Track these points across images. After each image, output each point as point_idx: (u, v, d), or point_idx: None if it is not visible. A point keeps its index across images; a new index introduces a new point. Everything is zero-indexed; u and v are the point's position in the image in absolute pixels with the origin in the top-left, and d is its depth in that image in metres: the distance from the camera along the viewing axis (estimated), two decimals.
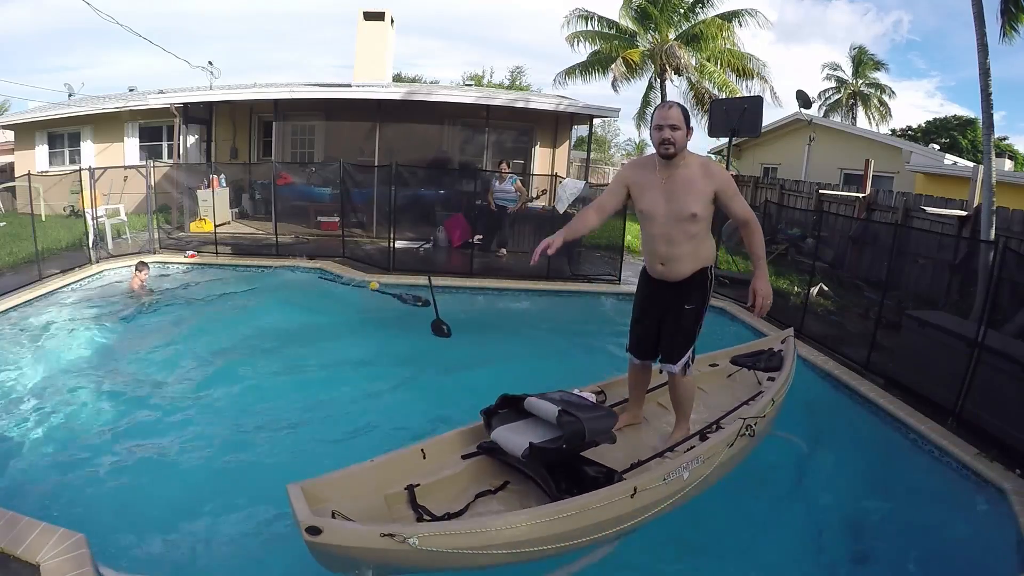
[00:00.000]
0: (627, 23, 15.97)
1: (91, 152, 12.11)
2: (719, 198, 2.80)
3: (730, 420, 3.21)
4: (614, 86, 15.74)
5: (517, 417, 2.86)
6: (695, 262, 2.91)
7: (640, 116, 17.09)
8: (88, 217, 7.91)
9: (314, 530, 1.98)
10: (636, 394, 3.35)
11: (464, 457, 2.86)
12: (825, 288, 7.62)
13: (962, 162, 13.14)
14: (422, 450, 2.79)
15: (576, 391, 3.03)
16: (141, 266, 6.94)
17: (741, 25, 15.29)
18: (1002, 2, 6.52)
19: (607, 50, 15.62)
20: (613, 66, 15.05)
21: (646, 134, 16.98)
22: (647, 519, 2.68)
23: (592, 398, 3.01)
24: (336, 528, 2.05)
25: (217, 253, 8.33)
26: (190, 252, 8.26)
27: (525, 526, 2.28)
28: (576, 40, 16.03)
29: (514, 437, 2.70)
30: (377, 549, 2.04)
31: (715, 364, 4.10)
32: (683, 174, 2.80)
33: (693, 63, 14.94)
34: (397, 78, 23.97)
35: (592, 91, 57.21)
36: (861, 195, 9.23)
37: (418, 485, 2.61)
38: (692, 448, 2.94)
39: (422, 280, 7.31)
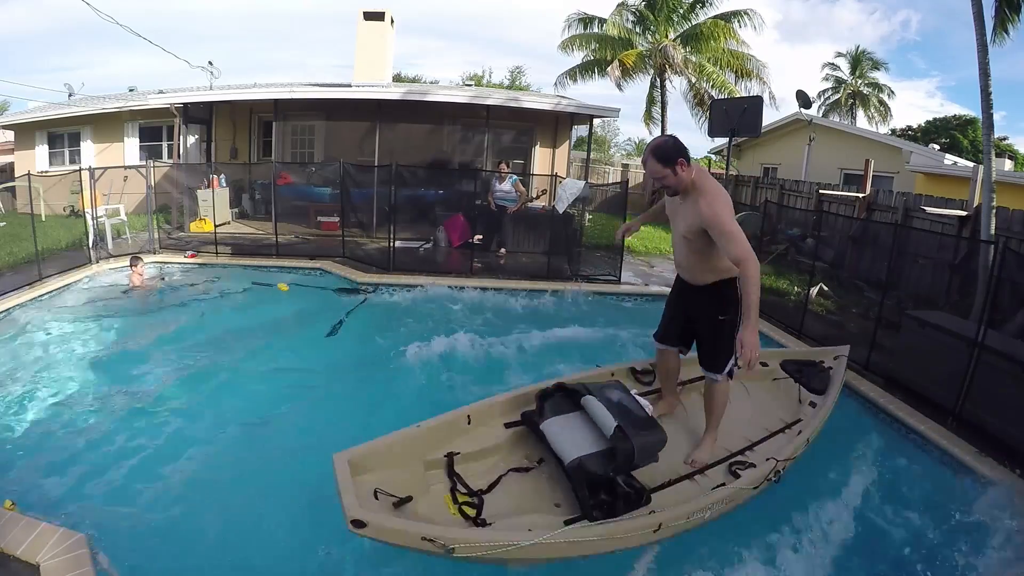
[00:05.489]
0: (623, 25, 16.00)
1: (91, 152, 12.11)
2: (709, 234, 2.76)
3: (762, 457, 3.13)
4: (619, 85, 15.80)
5: (571, 408, 2.92)
6: (709, 273, 3.00)
7: (648, 115, 17.15)
8: (88, 217, 7.92)
9: (359, 523, 2.12)
10: (667, 384, 3.50)
11: (507, 425, 3.02)
12: (825, 288, 7.62)
13: (962, 162, 13.13)
14: (468, 416, 2.96)
15: (634, 392, 2.94)
16: (135, 260, 6.97)
17: (742, 26, 15.30)
18: (996, 3, 6.53)
19: (602, 54, 15.65)
20: (609, 69, 15.07)
21: (655, 132, 17.14)
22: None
23: (649, 408, 2.85)
24: (381, 523, 2.18)
25: (217, 253, 8.32)
26: (190, 252, 8.26)
27: (552, 543, 2.39)
28: (570, 46, 16.13)
29: (564, 437, 2.77)
30: (417, 548, 2.21)
31: (765, 364, 4.07)
32: (688, 200, 2.88)
33: (693, 61, 14.94)
34: (397, 78, 23.97)
35: (593, 91, 57.38)
36: (861, 195, 9.23)
37: (457, 453, 2.82)
38: (720, 487, 2.89)
39: (420, 280, 7.33)
